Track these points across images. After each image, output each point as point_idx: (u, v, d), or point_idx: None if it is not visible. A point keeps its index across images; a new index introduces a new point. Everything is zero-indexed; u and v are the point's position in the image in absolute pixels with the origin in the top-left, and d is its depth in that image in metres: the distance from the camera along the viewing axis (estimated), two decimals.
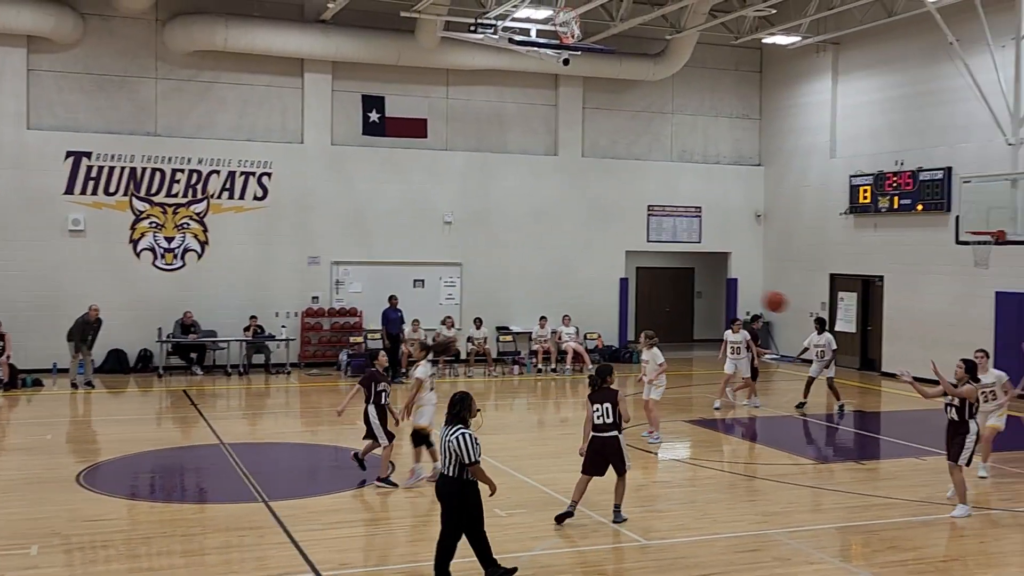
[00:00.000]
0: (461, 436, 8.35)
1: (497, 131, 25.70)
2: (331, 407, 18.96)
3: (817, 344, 18.46)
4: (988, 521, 11.25)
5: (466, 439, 8.34)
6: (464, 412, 8.57)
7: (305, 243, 23.82)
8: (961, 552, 10.06)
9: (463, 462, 8.31)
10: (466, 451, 8.29)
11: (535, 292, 25.53)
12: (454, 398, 8.67)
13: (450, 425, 8.51)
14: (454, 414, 8.56)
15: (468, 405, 8.62)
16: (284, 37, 22.72)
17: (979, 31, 17.28)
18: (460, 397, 8.67)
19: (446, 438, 8.42)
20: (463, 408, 8.59)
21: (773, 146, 27.83)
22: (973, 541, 10.43)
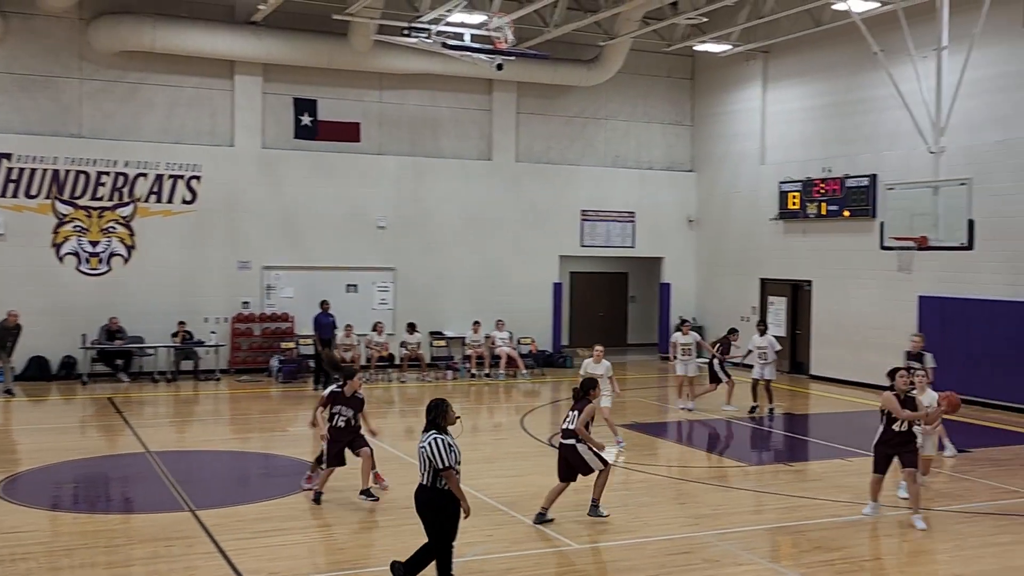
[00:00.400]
0: (433, 441, 8.20)
1: (431, 135, 25.62)
2: (262, 414, 18.78)
3: (759, 346, 18.69)
4: (911, 521, 11.46)
5: (438, 444, 8.18)
6: (439, 419, 8.38)
7: (235, 247, 23.48)
8: (885, 551, 10.23)
9: (436, 467, 8.16)
10: (437, 455, 8.13)
11: (469, 297, 25.49)
12: (429, 405, 8.49)
13: (425, 432, 8.36)
14: (429, 420, 8.39)
15: (443, 412, 8.41)
16: (214, 38, 22.39)
17: (902, 42, 17.66)
18: (435, 404, 8.47)
19: (420, 445, 8.29)
20: (438, 415, 8.40)
21: (705, 152, 28.16)
22: (896, 540, 10.63)
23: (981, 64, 18.75)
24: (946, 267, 20.04)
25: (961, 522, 11.43)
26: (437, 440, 8.20)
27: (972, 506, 12.09)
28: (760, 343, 18.70)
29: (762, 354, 18.56)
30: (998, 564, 9.96)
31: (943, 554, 10.32)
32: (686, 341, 19.05)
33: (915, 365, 15.35)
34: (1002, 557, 10.17)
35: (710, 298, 27.74)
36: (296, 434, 16.78)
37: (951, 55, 16.85)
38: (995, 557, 10.15)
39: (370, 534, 10.61)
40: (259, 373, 23.12)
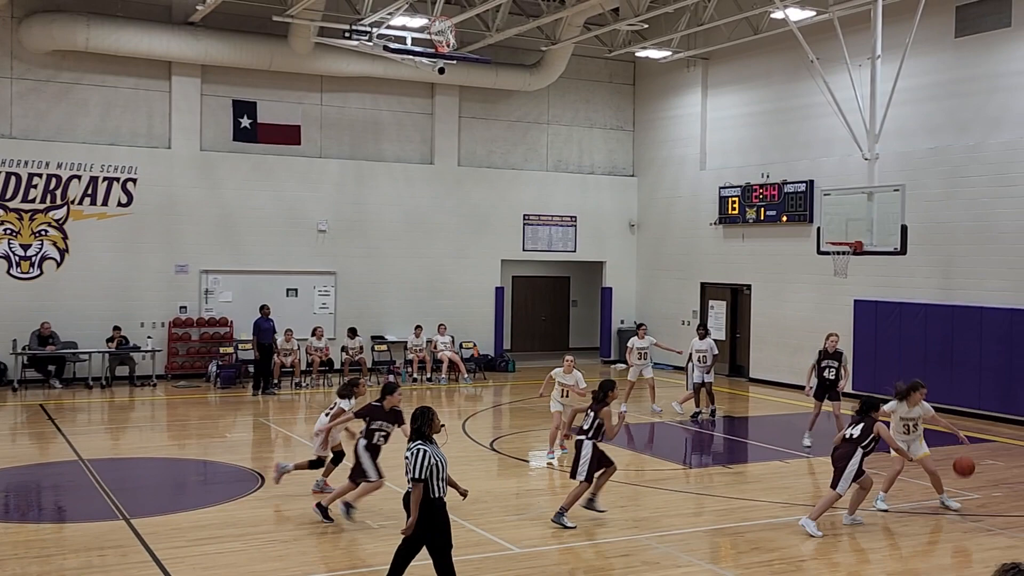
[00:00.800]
0: (417, 451, 8.07)
1: (372, 139, 25.49)
2: (200, 420, 18.50)
3: (699, 349, 18.81)
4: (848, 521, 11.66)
5: (419, 455, 8.03)
6: (424, 427, 8.23)
7: (173, 251, 23.13)
8: (820, 551, 10.38)
9: (410, 476, 8.03)
10: (412, 466, 7.99)
11: (410, 301, 25.39)
12: (414, 413, 8.35)
13: (411, 440, 8.25)
14: (415, 429, 8.25)
15: (428, 420, 8.26)
16: (150, 38, 22.04)
17: (838, 50, 17.97)
18: (420, 412, 8.30)
19: (405, 452, 8.19)
20: (423, 423, 8.24)
21: (646, 157, 28.39)
22: (831, 541, 10.78)
23: (914, 73, 19.18)
24: (880, 271, 20.44)
25: (895, 522, 11.64)
26: (420, 451, 8.07)
27: (905, 506, 12.32)
28: (700, 347, 18.83)
29: (701, 357, 18.72)
30: (930, 563, 10.16)
31: (877, 553, 10.50)
32: (642, 345, 19.10)
33: (832, 364, 15.72)
34: (933, 556, 10.39)
35: (651, 302, 27.95)
36: (235, 440, 16.59)
37: (885, 64, 17.18)
38: (927, 556, 10.36)
39: (310, 542, 10.50)
40: (197, 379, 22.79)
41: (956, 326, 19.30)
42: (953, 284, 19.60)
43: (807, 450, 15.54)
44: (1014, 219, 18.51)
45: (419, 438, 8.16)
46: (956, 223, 19.51)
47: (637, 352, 19.05)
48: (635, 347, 19.14)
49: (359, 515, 11.22)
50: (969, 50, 19.54)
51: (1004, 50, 18.91)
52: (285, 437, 16.94)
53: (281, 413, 19.28)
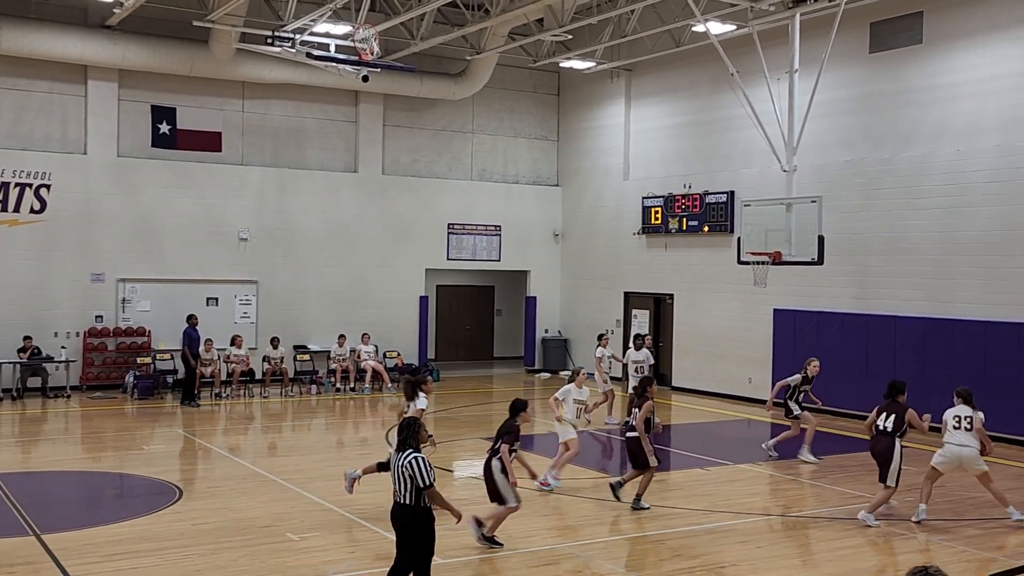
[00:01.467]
0: (414, 460, 8.05)
1: (295, 146, 25.22)
2: (116, 432, 18.06)
3: (635, 360, 18.96)
4: (766, 527, 11.84)
5: (419, 462, 8.04)
6: (411, 439, 8.26)
7: (88, 259, 22.57)
8: (740, 557, 10.51)
9: (419, 486, 8.00)
10: (420, 474, 7.99)
11: (334, 310, 25.14)
12: (401, 424, 8.42)
13: (400, 451, 8.21)
14: (401, 440, 8.30)
15: (415, 432, 8.32)
16: (65, 41, 21.49)
17: (757, 64, 18.27)
18: (408, 423, 8.42)
19: (399, 465, 8.12)
20: (410, 435, 8.29)
21: (570, 167, 28.56)
22: (751, 547, 10.93)
23: (830, 87, 19.62)
24: (799, 281, 20.85)
25: (813, 527, 11.86)
26: (418, 459, 8.06)
27: (822, 511, 12.56)
28: (636, 357, 19.02)
29: (638, 368, 18.84)
30: (847, 567, 10.36)
31: (795, 559, 10.67)
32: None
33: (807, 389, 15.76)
34: (850, 560, 10.59)
35: (575, 311, 28.11)
36: (152, 452, 16.23)
37: (803, 78, 17.53)
38: (844, 560, 10.56)
39: (228, 556, 10.30)
40: (113, 389, 22.25)
41: (871, 335, 19.77)
42: (868, 294, 20.08)
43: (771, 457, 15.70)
44: (925, 231, 19.04)
45: (407, 448, 8.20)
46: (871, 234, 20.00)
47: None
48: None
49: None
50: (883, 65, 20.06)
51: (916, 66, 19.46)
52: (205, 449, 16.62)
53: (201, 424, 18.92)
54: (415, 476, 8.01)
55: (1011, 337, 17.50)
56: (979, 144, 18.29)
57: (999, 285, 17.85)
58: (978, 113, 18.39)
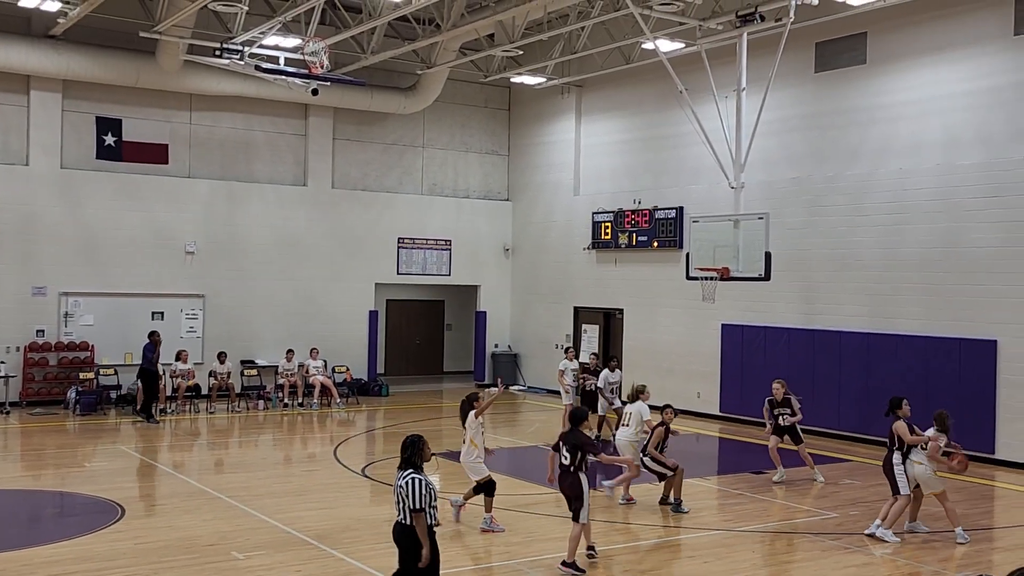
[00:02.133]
0: (411, 481, 7.88)
1: (244, 159, 24.99)
2: (57, 448, 17.70)
3: (611, 381, 18.84)
4: (716, 541, 11.90)
5: (415, 484, 7.87)
6: (415, 457, 8.09)
7: (29, 272, 22.14)
8: (689, 572, 10.55)
9: (410, 507, 7.83)
10: (413, 496, 7.82)
11: (282, 325, 24.91)
12: (405, 442, 8.20)
13: (402, 469, 8.07)
14: (405, 459, 8.11)
15: (419, 449, 8.14)
16: (7, 50, 21.10)
17: (705, 82, 18.49)
18: (411, 441, 8.19)
19: (398, 483, 7.98)
20: (414, 453, 8.10)
21: (521, 182, 28.63)
22: (698, 562, 10.98)
23: (777, 105, 19.89)
24: (746, 297, 21.06)
25: (760, 541, 11.95)
26: (415, 480, 7.89)
27: (768, 525, 12.66)
28: (613, 378, 18.93)
29: (613, 389, 18.80)
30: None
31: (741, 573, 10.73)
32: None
33: (784, 411, 15.65)
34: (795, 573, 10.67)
35: (525, 326, 28.13)
36: (94, 470, 15.92)
37: (750, 96, 17.76)
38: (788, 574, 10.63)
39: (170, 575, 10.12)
40: (55, 405, 21.82)
41: (817, 350, 20.02)
42: (814, 309, 20.34)
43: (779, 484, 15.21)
44: (869, 247, 19.34)
45: (410, 467, 8.05)
46: (816, 251, 20.27)
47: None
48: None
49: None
50: (828, 85, 20.39)
51: (860, 86, 19.81)
52: (148, 466, 16.35)
53: (145, 440, 18.61)
54: (409, 496, 7.85)
55: (951, 352, 17.83)
56: (921, 163, 18.64)
57: (939, 301, 18.18)
58: (920, 132, 18.75)
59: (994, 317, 17.36)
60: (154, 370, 20.71)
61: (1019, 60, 17.37)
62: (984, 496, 14.93)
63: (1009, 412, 17.10)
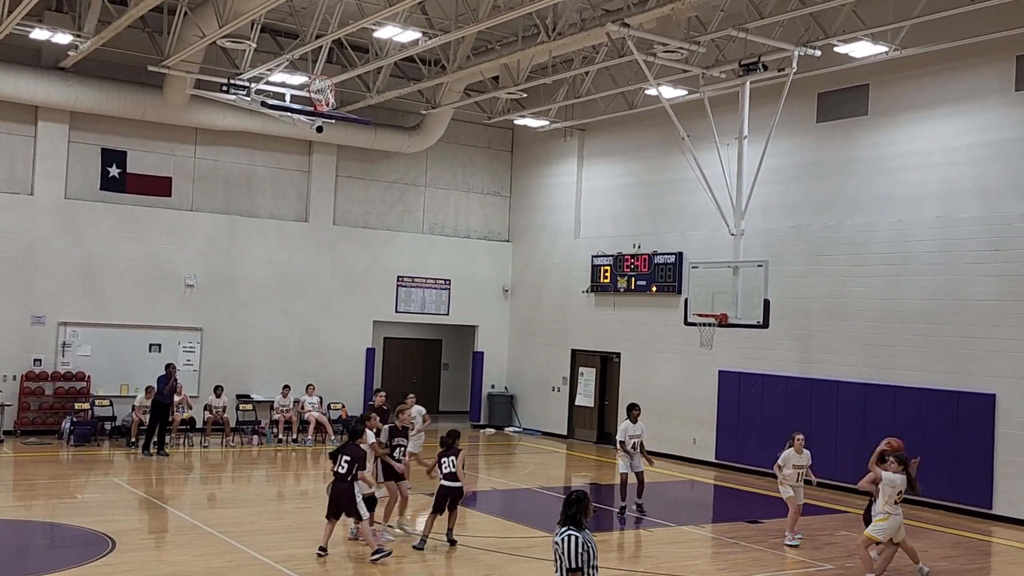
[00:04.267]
0: (567, 538, 7.51)
1: (246, 194, 25.11)
2: (49, 479, 17.60)
3: (633, 435, 16.49)
4: None
5: (571, 542, 7.48)
6: (579, 514, 7.64)
7: (29, 301, 22.16)
8: None
9: (566, 566, 7.48)
10: (568, 554, 7.46)
11: (279, 360, 24.88)
12: (570, 498, 7.73)
13: (563, 526, 7.62)
14: (568, 515, 7.63)
15: (585, 507, 7.68)
16: (16, 81, 21.27)
17: (708, 129, 18.62)
18: (577, 498, 7.72)
19: (555, 539, 7.59)
20: (579, 510, 7.64)
21: (522, 223, 28.74)
22: None
23: (778, 154, 20.02)
24: (744, 344, 21.04)
25: None
26: (571, 537, 7.50)
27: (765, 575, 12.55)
28: (634, 431, 16.57)
29: (635, 444, 16.75)
30: None
31: None
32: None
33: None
34: None
35: (522, 367, 28.10)
36: (86, 501, 15.83)
37: (751, 144, 17.89)
38: None
39: None
40: (49, 435, 21.73)
41: (814, 398, 19.99)
42: (811, 358, 20.33)
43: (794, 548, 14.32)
44: (867, 297, 19.38)
45: (570, 524, 7.62)
46: (815, 299, 20.30)
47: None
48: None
49: None
50: (829, 135, 20.54)
51: (861, 136, 19.95)
52: (141, 499, 16.25)
53: (138, 473, 18.52)
54: (565, 554, 7.49)
55: (947, 405, 17.80)
56: (921, 215, 18.73)
57: (937, 353, 18.18)
58: (920, 184, 18.86)
59: (993, 371, 17.36)
60: (166, 402, 20.60)
61: (1020, 115, 17.52)
62: (981, 552, 14.85)
63: (1007, 467, 17.04)
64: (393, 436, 14.06)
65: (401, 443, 14.04)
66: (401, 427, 14.25)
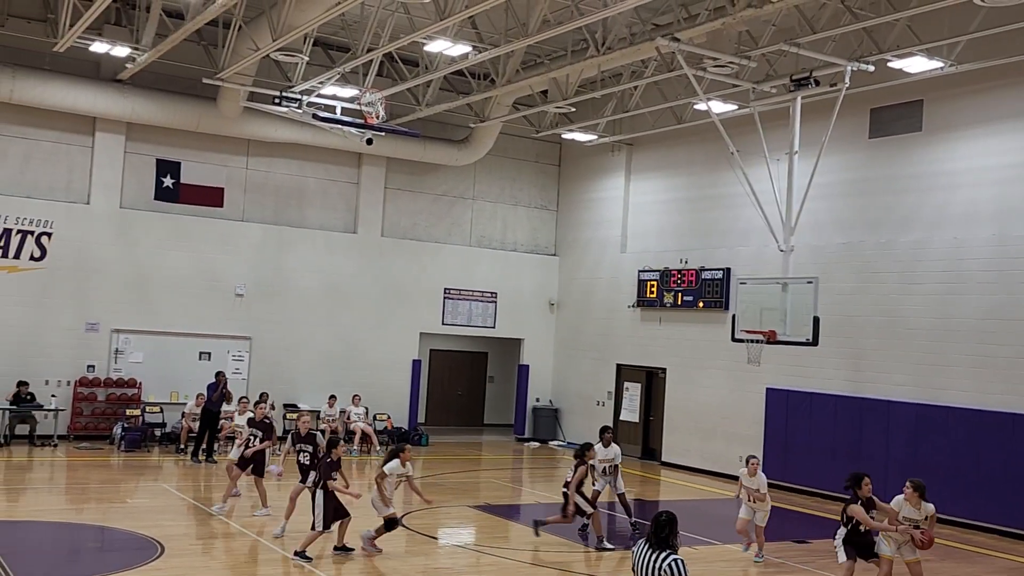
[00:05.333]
0: (675, 563, 7.33)
1: (296, 205, 25.38)
2: (100, 483, 17.87)
3: (604, 459, 15.88)
4: None
5: (679, 566, 7.32)
6: (672, 537, 7.46)
7: (84, 308, 22.56)
8: None
9: None
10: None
11: (326, 370, 25.08)
12: (661, 519, 7.52)
13: (656, 549, 7.41)
14: (661, 537, 7.44)
15: (676, 530, 7.56)
16: (76, 93, 21.73)
17: (757, 144, 18.52)
18: (669, 520, 7.52)
19: (653, 562, 7.39)
20: (671, 532, 7.50)
21: (568, 237, 28.74)
22: None
23: (829, 170, 19.83)
24: (792, 361, 20.83)
25: None
26: (678, 562, 7.36)
27: None
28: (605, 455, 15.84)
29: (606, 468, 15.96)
30: None
31: None
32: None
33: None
34: None
35: (567, 381, 28.05)
36: (135, 506, 16.05)
37: (802, 159, 17.76)
38: None
39: None
40: (101, 440, 22.08)
41: (864, 418, 19.71)
42: (862, 377, 20.07)
43: None
44: (921, 316, 19.10)
45: (667, 547, 7.43)
46: (866, 317, 20.05)
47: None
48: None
49: None
50: (882, 151, 20.32)
51: (915, 152, 19.71)
52: (189, 504, 16.44)
53: (186, 479, 18.74)
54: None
55: (1002, 427, 17.46)
56: (976, 232, 18.44)
57: (991, 374, 17.86)
58: (975, 202, 18.58)
59: None
60: (215, 410, 20.88)
61: None
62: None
63: None
64: (296, 441, 14.87)
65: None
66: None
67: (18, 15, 21.49)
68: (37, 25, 21.40)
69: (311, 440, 14.66)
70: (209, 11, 16.38)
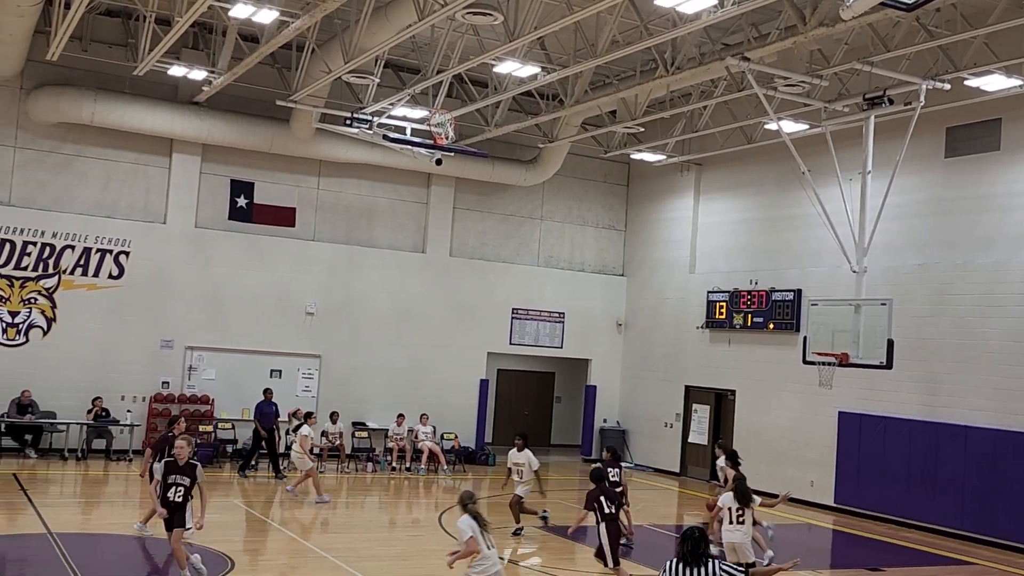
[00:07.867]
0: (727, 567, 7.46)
1: (366, 225, 25.67)
2: None
3: (515, 462, 16.70)
4: None
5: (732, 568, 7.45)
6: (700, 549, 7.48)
7: (159, 326, 23.06)
8: None
9: None
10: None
11: (394, 389, 25.25)
12: (695, 536, 7.54)
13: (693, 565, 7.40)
14: (698, 553, 7.45)
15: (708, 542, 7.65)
16: (155, 115, 22.33)
17: (829, 164, 18.25)
18: (701, 534, 7.58)
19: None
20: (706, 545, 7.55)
21: (636, 258, 28.61)
22: None
23: (904, 190, 19.45)
24: (865, 384, 20.40)
25: None
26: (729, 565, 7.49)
27: None
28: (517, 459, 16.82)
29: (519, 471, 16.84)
30: None
31: None
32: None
33: None
34: None
35: (635, 402, 27.85)
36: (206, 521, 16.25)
37: (875, 179, 17.45)
38: None
39: None
40: None
41: (940, 444, 19.22)
42: (938, 401, 19.58)
43: None
44: (1000, 339, 18.60)
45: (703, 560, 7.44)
46: (942, 340, 19.58)
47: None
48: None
49: None
50: (958, 171, 19.88)
51: (993, 172, 19.25)
52: (259, 521, 16.66)
53: (257, 496, 18.99)
54: None
55: None
56: None
57: None
58: None
59: None
60: (268, 427, 21.19)
61: None
62: None
63: None
64: (169, 473, 11.89)
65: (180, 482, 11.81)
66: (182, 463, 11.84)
67: (100, 40, 22.15)
68: (118, 50, 22.02)
69: (190, 472, 11.88)
70: (283, 35, 16.71)
